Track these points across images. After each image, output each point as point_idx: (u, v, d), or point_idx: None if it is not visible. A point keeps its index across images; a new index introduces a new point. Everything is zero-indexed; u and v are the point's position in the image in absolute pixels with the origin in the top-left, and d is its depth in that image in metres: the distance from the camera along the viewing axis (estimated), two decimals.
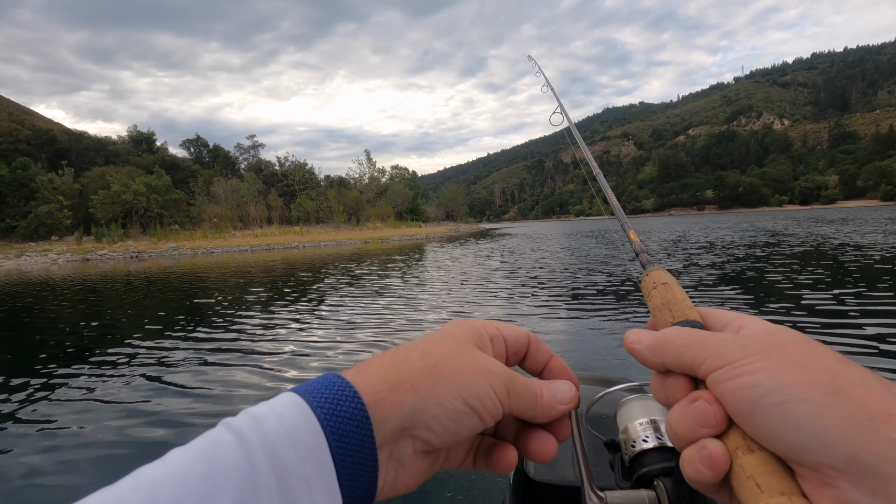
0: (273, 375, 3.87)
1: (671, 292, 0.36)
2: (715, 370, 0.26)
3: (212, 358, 4.48)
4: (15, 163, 43.51)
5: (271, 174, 65.67)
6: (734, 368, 0.25)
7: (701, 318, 0.33)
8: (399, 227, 60.93)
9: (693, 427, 0.26)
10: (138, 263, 24.91)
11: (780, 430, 0.23)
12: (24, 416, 3.26)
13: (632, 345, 0.32)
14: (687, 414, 0.27)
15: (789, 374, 0.24)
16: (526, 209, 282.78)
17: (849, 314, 4.78)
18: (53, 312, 8.46)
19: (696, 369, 0.27)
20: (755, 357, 0.25)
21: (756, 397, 0.24)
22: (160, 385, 3.73)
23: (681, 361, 0.28)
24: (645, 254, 0.46)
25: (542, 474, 0.76)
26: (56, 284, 13.91)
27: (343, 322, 5.88)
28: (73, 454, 2.68)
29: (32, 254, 33.76)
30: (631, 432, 0.48)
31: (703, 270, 9.04)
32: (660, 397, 0.30)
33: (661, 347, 0.30)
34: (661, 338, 0.30)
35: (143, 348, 4.99)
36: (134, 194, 43.35)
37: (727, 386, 0.25)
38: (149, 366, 4.26)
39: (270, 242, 39.32)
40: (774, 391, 0.23)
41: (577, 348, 4.26)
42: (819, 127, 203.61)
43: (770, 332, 0.27)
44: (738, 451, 0.25)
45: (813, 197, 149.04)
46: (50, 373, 4.28)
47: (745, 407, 0.24)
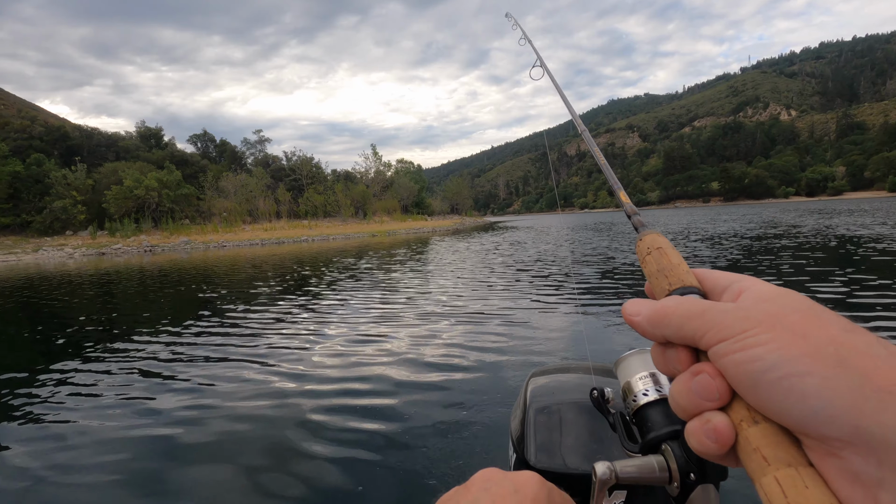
0: (292, 372, 3.85)
1: (666, 257, 0.35)
2: (717, 343, 0.26)
3: (236, 349, 4.62)
4: (29, 159, 44.33)
5: (279, 169, 66.26)
6: (736, 342, 0.25)
7: (699, 281, 0.32)
8: (405, 221, 61.52)
9: (696, 401, 0.26)
10: (152, 257, 25.63)
11: (785, 403, 0.23)
12: (46, 403, 3.43)
13: (630, 317, 0.31)
14: (690, 387, 0.27)
15: (793, 346, 0.23)
16: (530, 202, 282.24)
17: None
18: (82, 305, 9.11)
19: (697, 342, 0.27)
20: (757, 329, 0.24)
21: (759, 371, 0.23)
22: (184, 378, 3.82)
23: (681, 334, 0.28)
24: (637, 216, 0.44)
25: (542, 461, 0.77)
26: (76, 278, 14.54)
27: (372, 314, 6.08)
28: (84, 441, 2.77)
29: (49, 248, 34.63)
30: (633, 386, 0.46)
31: (706, 264, 9.51)
32: (661, 368, 0.30)
33: (661, 320, 0.29)
34: (660, 310, 0.29)
35: (173, 340, 5.18)
36: (146, 189, 44.16)
37: (730, 360, 0.25)
38: (178, 361, 4.34)
39: (280, 236, 40.03)
40: (778, 365, 0.23)
41: (591, 340, 4.33)
42: (827, 117, 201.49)
43: (771, 297, 0.26)
44: (742, 424, 0.25)
45: (820, 188, 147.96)
46: (81, 358, 4.60)
47: (748, 381, 0.24)
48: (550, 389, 0.90)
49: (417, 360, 3.94)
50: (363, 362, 3.95)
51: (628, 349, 0.44)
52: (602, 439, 0.77)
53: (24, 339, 5.98)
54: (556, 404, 0.85)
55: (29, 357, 5.04)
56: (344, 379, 3.59)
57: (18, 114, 68.87)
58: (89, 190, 44.94)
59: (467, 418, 2.76)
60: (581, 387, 0.90)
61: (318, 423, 2.82)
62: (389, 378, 3.51)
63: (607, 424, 0.45)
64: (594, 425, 0.79)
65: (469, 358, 3.88)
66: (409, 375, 3.56)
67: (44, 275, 16.41)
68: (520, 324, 4.97)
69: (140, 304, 8.57)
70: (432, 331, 4.93)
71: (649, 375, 0.44)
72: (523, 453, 0.80)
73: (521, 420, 0.86)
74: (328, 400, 3.19)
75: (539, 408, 0.85)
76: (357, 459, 2.38)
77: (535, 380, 0.96)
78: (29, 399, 3.57)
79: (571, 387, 0.91)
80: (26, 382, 4.01)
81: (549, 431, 0.80)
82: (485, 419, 2.73)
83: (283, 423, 2.85)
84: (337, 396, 3.24)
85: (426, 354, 4.08)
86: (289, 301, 7.47)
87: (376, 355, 4.13)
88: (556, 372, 0.98)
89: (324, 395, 3.26)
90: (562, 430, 0.80)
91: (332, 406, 3.08)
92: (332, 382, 3.52)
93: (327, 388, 3.41)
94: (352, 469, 2.30)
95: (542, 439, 0.79)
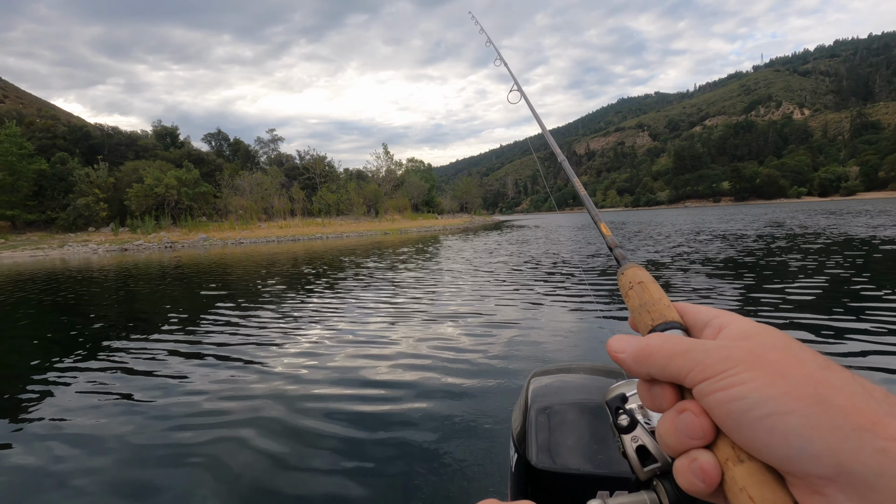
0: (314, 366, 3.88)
1: (647, 292, 0.36)
2: (700, 382, 0.26)
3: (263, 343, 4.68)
4: (54, 158, 45.72)
5: (292, 167, 67.32)
6: (718, 381, 0.25)
7: (680, 315, 0.33)
8: (416, 219, 62.31)
9: (682, 439, 0.27)
10: (172, 253, 26.38)
11: (768, 442, 0.23)
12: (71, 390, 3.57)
13: (615, 353, 0.32)
14: (675, 425, 0.27)
15: (773, 385, 0.24)
16: (539, 201, 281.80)
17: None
18: (112, 298, 9.90)
19: (681, 380, 0.28)
20: (739, 368, 0.25)
21: (742, 410, 0.24)
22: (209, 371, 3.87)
23: (666, 373, 0.29)
24: (619, 248, 0.45)
25: (543, 462, 0.76)
26: (104, 273, 15.46)
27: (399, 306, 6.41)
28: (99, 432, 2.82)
29: (74, 244, 35.87)
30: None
31: (709, 263, 9.96)
32: (647, 404, 0.30)
33: (645, 358, 0.30)
34: (644, 348, 0.30)
35: (204, 330, 5.37)
36: (166, 188, 45.42)
37: (713, 398, 0.26)
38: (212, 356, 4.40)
39: (295, 233, 40.98)
40: (760, 403, 0.24)
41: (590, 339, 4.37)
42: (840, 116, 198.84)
43: (750, 334, 0.27)
44: (728, 462, 0.25)
45: (833, 188, 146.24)
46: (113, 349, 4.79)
47: (731, 420, 0.25)
48: (552, 389, 0.92)
49: (421, 356, 3.99)
50: (365, 365, 3.89)
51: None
52: (603, 440, 0.77)
53: (71, 325, 6.63)
54: (557, 404, 0.85)
55: (70, 344, 5.26)
56: (346, 376, 3.61)
57: (38, 113, 70.66)
58: (111, 188, 46.26)
59: (469, 417, 2.75)
60: (583, 387, 0.92)
61: (320, 420, 2.82)
62: (396, 376, 3.55)
63: (609, 426, 0.45)
64: (596, 426, 0.79)
65: (472, 357, 3.88)
66: (414, 373, 3.57)
67: (74, 268, 17.27)
68: (526, 322, 4.97)
69: (174, 299, 8.70)
70: (441, 328, 4.97)
71: (639, 408, 0.45)
72: (524, 453, 0.80)
73: (522, 420, 0.86)
74: (332, 392, 3.24)
75: (541, 408, 0.85)
76: (358, 453, 2.41)
77: (536, 380, 0.97)
78: (46, 388, 3.69)
79: (573, 387, 0.92)
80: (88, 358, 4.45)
81: (550, 432, 0.80)
82: (486, 419, 2.72)
83: (289, 419, 2.86)
84: (339, 392, 3.27)
85: (432, 351, 4.11)
86: (317, 297, 7.56)
87: (386, 355, 4.12)
88: (557, 372, 1.00)
89: (329, 392, 3.28)
90: (563, 430, 0.80)
91: (333, 402, 3.10)
92: (335, 380, 3.54)
93: (333, 381, 3.49)
94: (353, 464, 2.30)
95: (543, 439, 0.79)
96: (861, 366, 3.29)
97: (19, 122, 48.07)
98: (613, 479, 0.72)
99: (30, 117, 57.31)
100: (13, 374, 4.34)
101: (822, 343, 3.83)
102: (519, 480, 0.82)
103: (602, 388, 0.89)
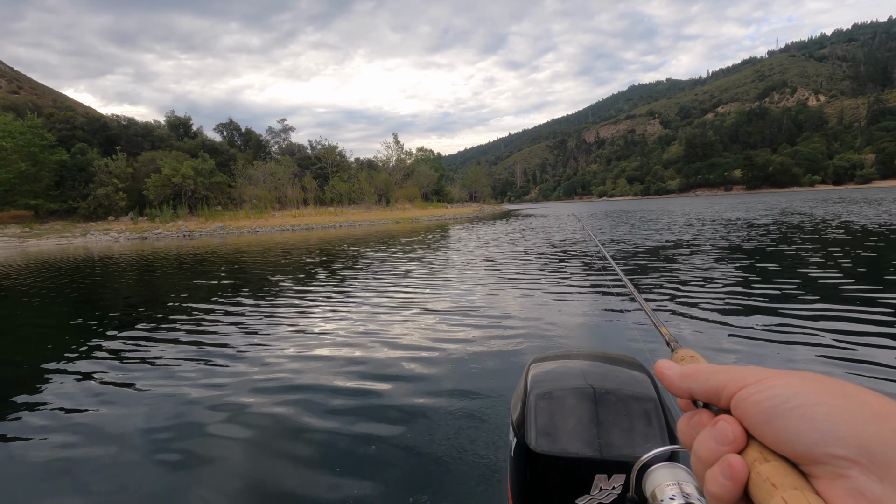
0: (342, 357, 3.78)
1: (697, 361, 0.42)
2: (738, 391, 0.30)
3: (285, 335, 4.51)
4: (74, 148, 46.85)
5: (304, 157, 68.01)
6: (755, 387, 0.29)
7: None
8: (427, 208, 62.91)
9: (714, 447, 0.30)
10: (190, 241, 26.87)
11: (798, 428, 0.26)
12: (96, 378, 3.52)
13: (662, 370, 0.36)
14: (710, 435, 0.30)
15: (804, 384, 0.28)
16: (548, 190, 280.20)
17: None
18: (136, 284, 10.45)
19: (720, 392, 0.31)
20: (774, 378, 0.29)
21: (775, 404, 0.28)
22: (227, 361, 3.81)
23: (706, 387, 0.32)
24: (675, 342, 0.53)
25: (542, 446, 0.78)
26: (126, 259, 16.02)
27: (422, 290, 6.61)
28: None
29: (96, 232, 37.01)
30: (660, 492, 0.52)
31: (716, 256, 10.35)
32: (686, 437, 0.33)
33: (689, 376, 0.34)
34: (689, 368, 0.34)
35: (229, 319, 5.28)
36: (183, 177, 46.45)
37: (750, 401, 0.29)
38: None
39: (309, 222, 41.81)
40: (792, 397, 0.27)
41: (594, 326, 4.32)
42: (857, 102, 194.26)
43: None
44: (755, 463, 0.28)
45: (847, 176, 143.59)
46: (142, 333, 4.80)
47: (765, 415, 0.28)
48: (551, 375, 0.93)
49: (426, 345, 3.96)
50: (368, 355, 3.82)
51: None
52: (602, 424, 0.78)
53: (109, 306, 6.93)
54: (556, 390, 0.86)
55: (104, 327, 5.27)
56: (350, 367, 3.59)
57: (54, 104, 71.84)
58: (129, 178, 47.36)
59: (468, 404, 2.76)
60: (581, 373, 0.92)
61: (323, 414, 2.78)
62: (397, 364, 3.55)
63: (607, 410, 0.49)
64: (594, 411, 0.80)
65: (474, 344, 3.89)
66: (420, 364, 3.54)
67: (101, 256, 17.96)
68: (529, 311, 4.93)
69: (199, 284, 8.63)
70: (447, 316, 4.91)
71: (677, 483, 0.50)
72: (523, 438, 0.81)
73: (521, 405, 0.87)
74: (333, 384, 3.21)
75: (540, 393, 0.86)
76: (357, 440, 2.41)
77: (535, 366, 0.99)
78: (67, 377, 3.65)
79: (572, 373, 0.93)
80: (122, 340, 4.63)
81: (549, 416, 0.81)
82: (486, 404, 2.74)
83: (295, 410, 2.83)
84: (338, 384, 3.23)
85: (438, 338, 4.12)
86: (329, 287, 7.40)
87: (391, 343, 4.10)
88: (556, 358, 1.01)
89: (328, 385, 3.22)
90: (562, 415, 0.81)
91: (332, 393, 3.07)
92: (336, 371, 3.50)
93: (335, 372, 3.46)
94: (352, 453, 2.30)
95: (542, 424, 0.81)
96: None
97: (39, 114, 49.16)
98: (610, 463, 0.74)
99: (48, 108, 58.42)
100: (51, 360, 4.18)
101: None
102: (518, 465, 0.83)
103: (600, 374, 0.93)
